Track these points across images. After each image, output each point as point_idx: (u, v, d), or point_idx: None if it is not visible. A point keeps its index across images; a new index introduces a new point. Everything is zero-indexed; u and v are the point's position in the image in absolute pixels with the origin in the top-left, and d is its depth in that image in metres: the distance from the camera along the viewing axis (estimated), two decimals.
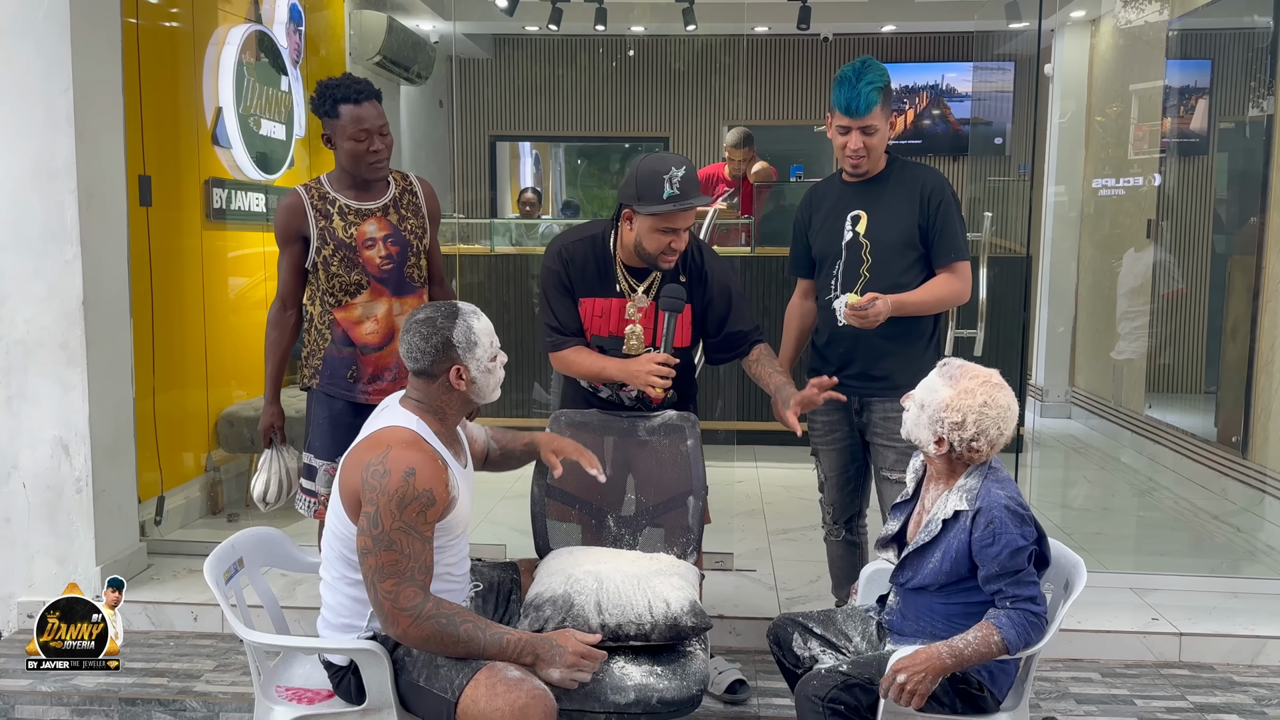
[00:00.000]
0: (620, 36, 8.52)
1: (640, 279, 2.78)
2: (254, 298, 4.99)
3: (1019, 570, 2.11)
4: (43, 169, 3.42)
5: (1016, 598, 2.11)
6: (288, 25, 5.15)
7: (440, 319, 2.24)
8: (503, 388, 2.35)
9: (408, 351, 2.25)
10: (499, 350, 2.31)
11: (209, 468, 4.52)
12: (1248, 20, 4.93)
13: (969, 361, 2.26)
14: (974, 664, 2.10)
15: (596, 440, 2.80)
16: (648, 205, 2.61)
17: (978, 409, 2.15)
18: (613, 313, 2.79)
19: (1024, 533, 2.12)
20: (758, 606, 3.56)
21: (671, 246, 2.65)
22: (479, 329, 2.25)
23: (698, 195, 2.62)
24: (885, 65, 2.84)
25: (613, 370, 2.74)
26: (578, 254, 2.79)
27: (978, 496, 2.17)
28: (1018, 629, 2.09)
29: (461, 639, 2.09)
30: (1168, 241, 5.56)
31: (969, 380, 2.18)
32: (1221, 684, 3.19)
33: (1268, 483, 4.39)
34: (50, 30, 3.38)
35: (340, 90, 2.82)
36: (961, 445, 2.18)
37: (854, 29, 8.49)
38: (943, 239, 2.83)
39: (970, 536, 2.15)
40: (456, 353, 2.22)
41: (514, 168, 10.17)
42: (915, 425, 2.24)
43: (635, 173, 2.65)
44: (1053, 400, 6.65)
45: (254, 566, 2.48)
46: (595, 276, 2.78)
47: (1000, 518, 2.12)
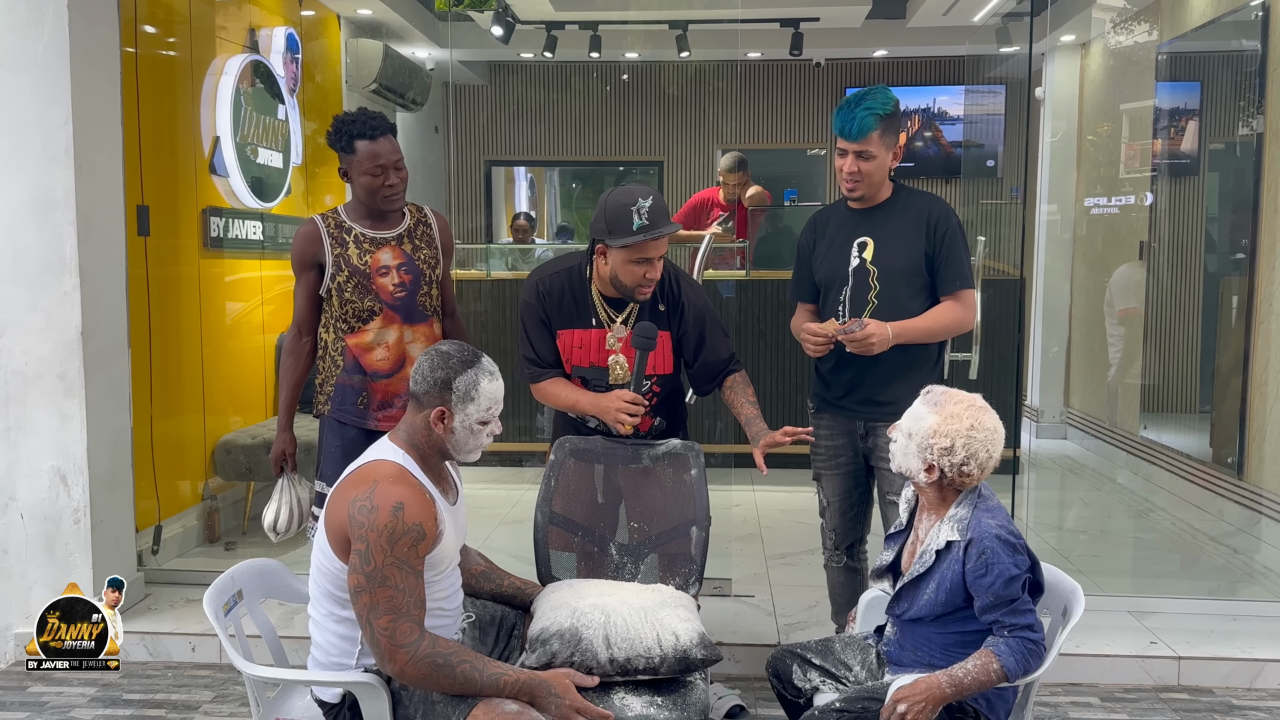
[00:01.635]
0: (614, 62, 8.57)
1: (619, 309, 2.80)
2: (251, 325, 5.00)
3: (1014, 600, 2.11)
4: (42, 201, 3.44)
5: (1014, 626, 2.11)
6: (284, 54, 5.19)
7: (456, 360, 2.22)
8: (503, 414, 2.33)
9: (415, 371, 2.25)
10: (495, 419, 2.27)
11: (206, 496, 4.52)
12: (1236, 43, 4.98)
13: (951, 388, 2.28)
14: (973, 692, 2.10)
15: (596, 469, 2.81)
16: (618, 238, 2.63)
17: (965, 433, 2.16)
18: (592, 344, 2.81)
19: (1017, 561, 2.12)
20: (756, 633, 3.56)
21: (647, 277, 2.67)
22: (484, 389, 2.22)
23: (667, 223, 2.64)
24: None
25: (585, 404, 2.78)
26: (554, 287, 2.81)
27: (969, 526, 2.18)
28: (1016, 657, 2.09)
29: (459, 678, 2.07)
30: (1160, 262, 5.60)
31: (954, 405, 2.19)
32: (1220, 707, 3.19)
33: (1263, 504, 4.40)
34: (50, 63, 3.40)
35: (356, 126, 2.86)
36: (952, 471, 2.18)
37: (846, 54, 8.55)
38: (948, 267, 2.85)
39: (964, 567, 2.15)
40: (451, 397, 2.20)
41: (509, 192, 10.21)
42: (905, 455, 2.24)
43: (603, 207, 2.67)
44: (1048, 421, 6.66)
45: (253, 598, 2.47)
46: (573, 308, 2.80)
47: (992, 548, 2.12)
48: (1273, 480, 4.37)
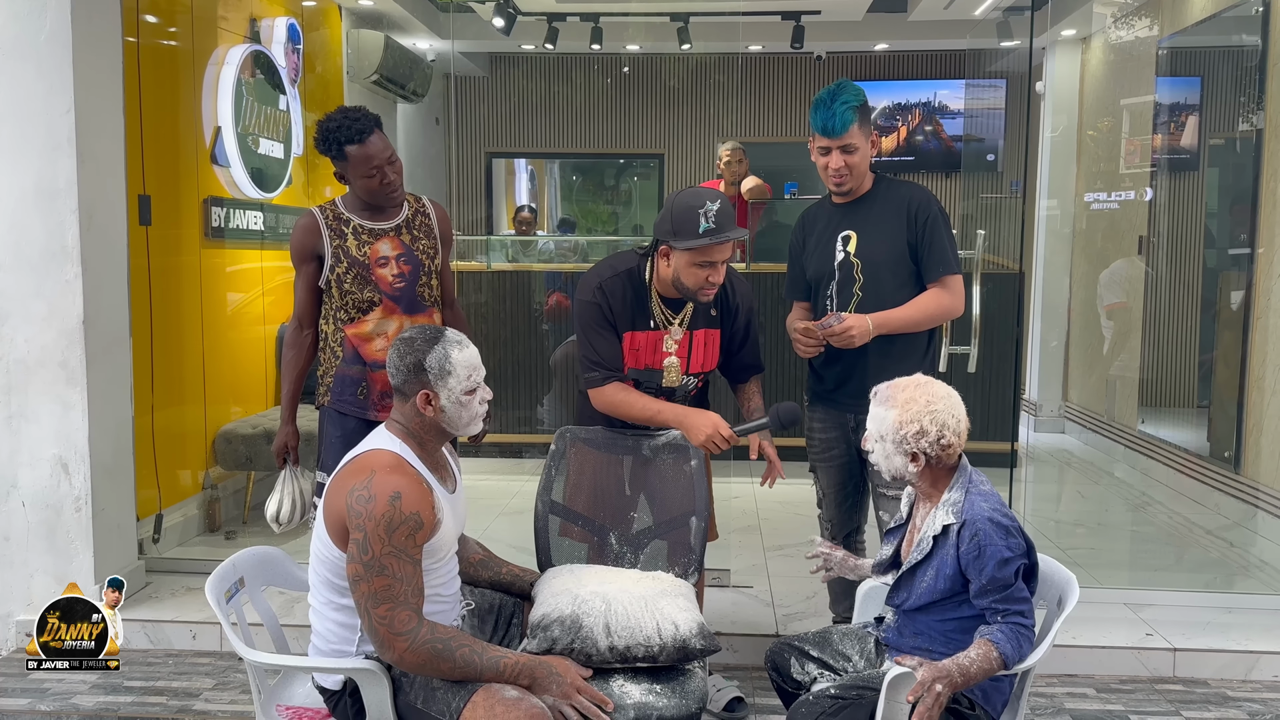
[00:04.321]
0: (616, 55, 8.58)
1: (675, 310, 2.82)
2: (251, 315, 5.01)
3: (1008, 585, 2.13)
4: (44, 189, 3.45)
5: (1007, 612, 2.13)
6: (286, 44, 5.19)
7: (420, 341, 2.23)
8: (503, 405, 2.34)
9: (388, 366, 2.25)
10: (479, 385, 2.26)
11: (206, 485, 4.53)
12: (1236, 39, 4.98)
13: (895, 379, 2.31)
14: (978, 681, 2.12)
15: (597, 459, 2.82)
16: (685, 240, 2.64)
17: (926, 411, 2.21)
18: (649, 346, 2.82)
19: (1010, 544, 2.15)
20: (755, 623, 3.58)
21: (710, 280, 2.69)
22: (457, 359, 2.22)
23: (734, 228, 2.66)
24: (878, 83, 2.89)
25: (668, 415, 2.74)
26: (615, 289, 2.79)
27: (963, 510, 2.21)
28: (1012, 643, 2.11)
29: (458, 663, 2.09)
30: (1159, 257, 5.61)
31: (902, 393, 2.25)
32: (1215, 699, 3.21)
33: (1260, 498, 4.41)
34: (52, 52, 3.41)
35: (343, 133, 2.82)
36: (934, 449, 2.22)
37: (847, 48, 8.54)
38: (931, 254, 2.87)
39: (959, 551, 2.18)
40: (428, 377, 2.21)
41: (510, 184, 10.21)
42: (887, 459, 2.28)
43: (670, 209, 2.68)
44: (1046, 415, 6.68)
45: (254, 585, 2.49)
46: (634, 310, 2.80)
47: (985, 530, 2.15)
48: (1269, 475, 4.38)
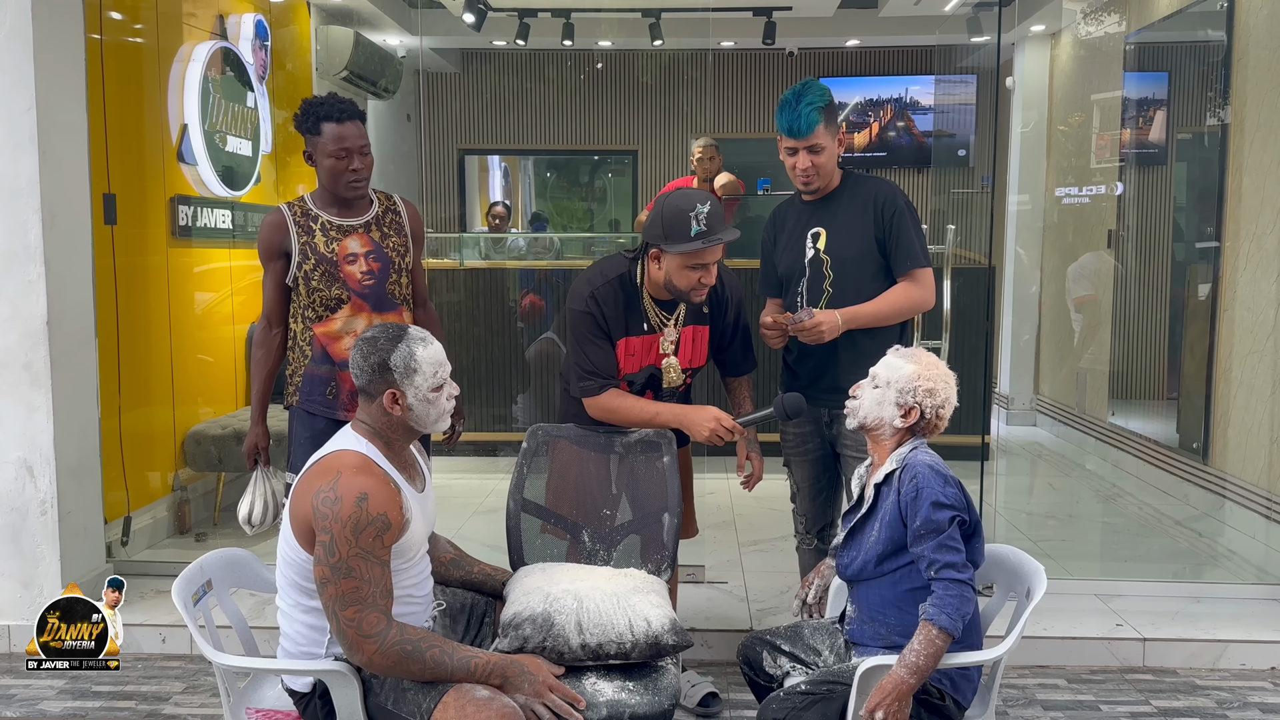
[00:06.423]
0: (588, 51, 8.55)
1: (669, 311, 2.82)
2: (220, 315, 4.96)
3: (941, 529, 2.16)
4: (5, 188, 3.40)
5: (936, 563, 2.15)
6: (254, 41, 5.14)
7: (383, 340, 2.21)
8: (477, 403, 2.33)
9: (351, 366, 2.24)
10: (446, 381, 2.25)
11: (176, 487, 4.48)
12: (1202, 34, 5.03)
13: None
14: (933, 668, 2.12)
15: (568, 456, 2.82)
16: (676, 244, 2.63)
17: (944, 378, 2.33)
18: (643, 349, 2.82)
19: (946, 492, 2.20)
20: (729, 619, 3.58)
21: (702, 282, 2.69)
22: (422, 356, 2.20)
23: (725, 229, 2.66)
24: (850, 79, 2.90)
25: (667, 416, 2.75)
26: (608, 296, 2.78)
27: (905, 458, 2.29)
28: (944, 609, 2.11)
29: (428, 664, 2.07)
30: (1128, 251, 5.66)
31: (926, 357, 2.37)
32: (1184, 688, 3.25)
33: (1227, 488, 4.46)
34: (12, 48, 3.36)
35: (324, 108, 2.84)
36: (932, 412, 2.31)
37: (818, 44, 8.57)
38: (899, 248, 2.88)
39: (899, 496, 2.24)
40: (393, 376, 2.19)
41: (483, 181, 10.17)
42: (878, 404, 2.33)
43: (660, 212, 2.67)
44: (1018, 408, 6.73)
45: (223, 588, 2.46)
46: (627, 316, 2.80)
47: (924, 474, 2.22)
48: (1236, 465, 4.43)
